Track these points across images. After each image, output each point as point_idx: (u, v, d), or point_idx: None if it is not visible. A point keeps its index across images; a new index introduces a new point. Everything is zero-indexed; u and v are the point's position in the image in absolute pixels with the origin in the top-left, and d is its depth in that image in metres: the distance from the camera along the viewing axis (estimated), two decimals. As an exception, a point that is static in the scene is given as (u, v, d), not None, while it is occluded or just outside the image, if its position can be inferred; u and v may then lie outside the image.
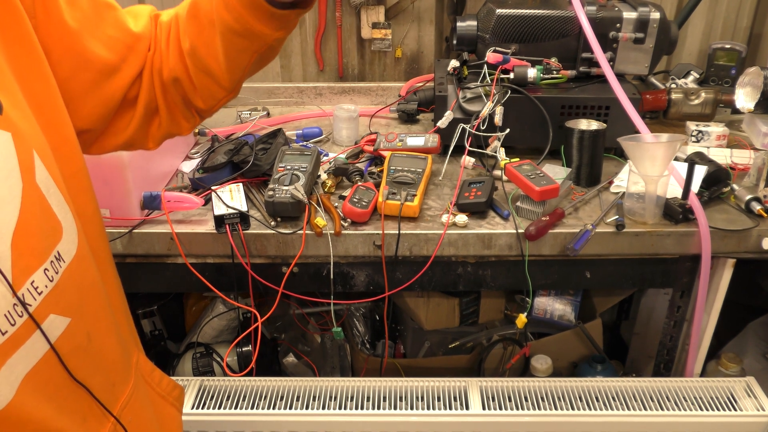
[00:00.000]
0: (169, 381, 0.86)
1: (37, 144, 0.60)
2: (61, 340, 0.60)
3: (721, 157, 1.48)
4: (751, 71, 1.55)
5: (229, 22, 0.78)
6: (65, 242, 0.62)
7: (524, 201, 1.33)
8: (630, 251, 1.31)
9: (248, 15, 0.77)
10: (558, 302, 1.74)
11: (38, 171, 0.59)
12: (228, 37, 0.80)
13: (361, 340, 1.84)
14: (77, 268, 0.63)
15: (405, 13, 1.87)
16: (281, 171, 1.34)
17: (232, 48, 0.81)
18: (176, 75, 0.83)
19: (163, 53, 0.83)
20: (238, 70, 0.84)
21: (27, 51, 0.64)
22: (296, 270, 1.34)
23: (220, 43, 0.81)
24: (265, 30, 0.79)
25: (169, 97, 0.86)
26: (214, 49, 0.81)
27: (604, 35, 1.50)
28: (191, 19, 0.82)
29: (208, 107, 0.88)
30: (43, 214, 0.59)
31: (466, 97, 1.50)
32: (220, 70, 0.83)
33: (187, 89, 0.85)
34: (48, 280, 0.58)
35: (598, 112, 1.49)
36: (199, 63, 0.83)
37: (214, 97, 0.87)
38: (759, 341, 1.76)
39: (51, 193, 0.61)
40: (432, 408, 1.37)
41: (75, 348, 0.63)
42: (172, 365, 1.72)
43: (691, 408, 1.34)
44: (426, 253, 1.30)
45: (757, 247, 1.30)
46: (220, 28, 0.79)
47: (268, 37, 0.80)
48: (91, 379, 0.65)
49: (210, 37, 0.81)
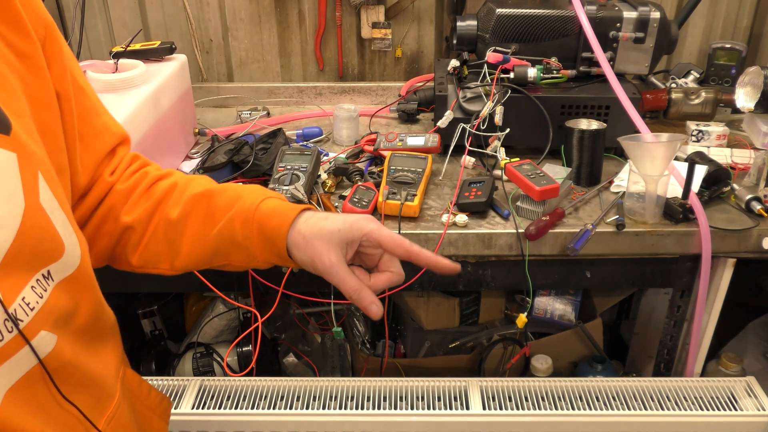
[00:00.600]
0: (156, 394, 0.86)
1: (42, 167, 0.61)
2: (51, 357, 0.61)
3: (721, 156, 1.48)
4: (751, 71, 1.55)
5: (237, 237, 0.77)
6: (63, 261, 0.62)
7: (524, 201, 1.33)
8: (630, 251, 1.31)
9: (261, 248, 0.76)
10: (558, 302, 1.74)
11: (42, 192, 0.60)
12: (223, 245, 0.78)
13: (362, 340, 1.84)
14: (72, 286, 0.64)
15: (405, 13, 1.87)
16: (281, 171, 1.34)
17: (219, 251, 0.79)
18: (134, 226, 0.80)
19: (132, 200, 0.80)
20: (202, 264, 0.81)
21: (39, 78, 0.65)
22: (296, 270, 1.34)
23: (211, 241, 0.78)
24: (264, 259, 0.78)
25: (103, 232, 0.81)
26: (201, 241, 0.79)
27: (604, 35, 1.50)
28: (197, 202, 0.79)
29: (139, 266, 0.83)
30: (45, 234, 0.60)
31: (466, 97, 1.50)
32: (185, 256, 0.80)
33: (131, 242, 0.81)
34: (38, 297, 0.59)
35: (598, 111, 1.49)
36: (173, 237, 0.79)
37: (155, 267, 0.83)
38: (759, 341, 1.76)
39: (56, 215, 0.61)
40: (432, 408, 1.37)
41: (64, 364, 0.63)
42: (172, 365, 1.72)
43: (692, 408, 1.34)
44: (426, 252, 1.29)
45: (758, 246, 1.29)
46: (220, 230, 0.77)
47: (260, 264, 0.79)
48: (77, 393, 0.65)
49: (204, 227, 0.78)
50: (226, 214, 0.78)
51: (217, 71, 1.97)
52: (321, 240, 0.73)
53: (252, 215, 0.76)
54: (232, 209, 0.78)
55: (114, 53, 1.47)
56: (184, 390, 1.39)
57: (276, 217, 0.76)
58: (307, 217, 0.76)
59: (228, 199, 0.79)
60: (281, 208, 0.77)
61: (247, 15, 1.89)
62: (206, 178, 0.85)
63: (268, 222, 0.76)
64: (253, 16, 1.89)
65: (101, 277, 0.74)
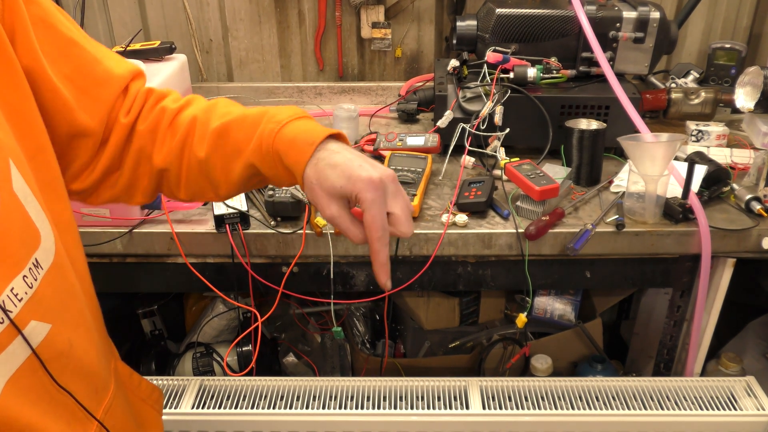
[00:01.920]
0: (147, 384, 0.87)
1: (12, 153, 0.60)
2: (43, 346, 0.60)
3: (721, 156, 1.48)
4: (750, 71, 1.55)
5: (258, 166, 0.77)
6: (43, 250, 0.61)
7: (524, 201, 1.33)
8: (630, 251, 1.31)
9: (288, 178, 0.77)
10: (558, 302, 1.74)
11: (15, 179, 0.59)
12: (248, 173, 0.78)
13: (361, 339, 1.84)
14: (56, 275, 0.63)
15: (405, 13, 1.87)
16: (281, 171, 1.34)
17: (252, 180, 0.80)
18: (168, 167, 0.81)
19: (158, 140, 0.80)
20: (245, 189, 0.83)
21: (1, 59, 0.62)
22: (296, 270, 1.34)
23: (239, 171, 0.79)
24: (287, 181, 0.78)
25: (141, 173, 0.82)
26: (230, 171, 0.79)
27: (603, 35, 1.50)
28: (217, 138, 0.79)
29: (188, 199, 0.85)
30: (22, 221, 0.59)
31: (466, 97, 1.50)
32: (225, 186, 0.81)
33: (171, 181, 0.82)
34: (27, 286, 0.58)
35: (597, 111, 1.49)
36: (207, 173, 0.80)
37: (203, 197, 0.84)
38: (759, 341, 1.76)
39: (29, 201, 0.60)
40: (432, 408, 1.37)
41: (57, 354, 0.63)
42: (172, 365, 1.72)
43: (691, 408, 1.34)
44: (426, 252, 1.30)
45: (757, 246, 1.30)
46: (246, 163, 0.77)
47: (285, 184, 0.80)
48: (73, 384, 0.65)
49: (231, 162, 0.79)
50: (248, 146, 0.77)
51: (216, 71, 1.97)
52: (323, 190, 0.72)
53: (270, 147, 0.75)
54: (251, 141, 0.76)
55: (114, 53, 1.47)
56: (184, 390, 1.39)
57: (292, 152, 0.74)
58: (318, 158, 0.73)
59: (247, 128, 0.77)
60: (299, 139, 0.74)
61: (246, 15, 1.89)
62: (226, 100, 0.83)
63: (286, 157, 0.74)
64: (252, 16, 1.89)
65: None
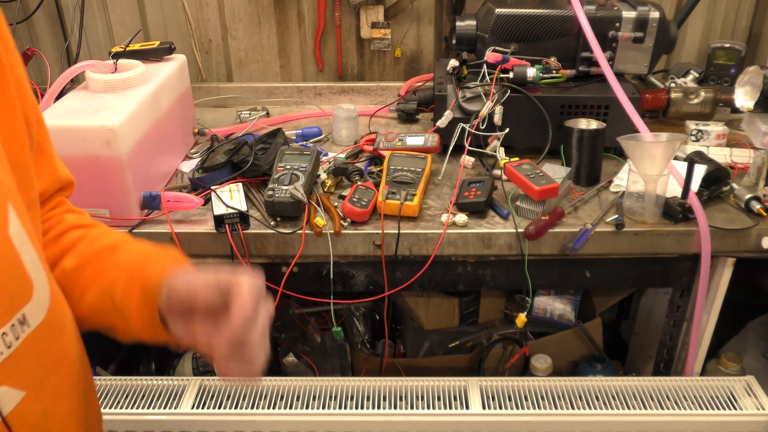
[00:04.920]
0: None
1: (12, 197, 0.57)
2: (14, 415, 0.56)
3: (720, 156, 1.48)
4: (750, 70, 1.55)
5: (116, 294, 0.68)
6: (34, 304, 0.57)
7: (524, 200, 1.33)
8: (630, 251, 1.31)
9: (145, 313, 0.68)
10: (558, 302, 1.74)
11: (12, 224, 0.56)
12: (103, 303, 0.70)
13: (361, 339, 1.84)
14: (43, 337, 0.58)
15: (404, 13, 1.87)
16: (281, 171, 1.34)
17: (101, 307, 0.70)
18: None
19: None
20: (89, 323, 0.72)
21: (8, 106, 0.60)
22: (296, 270, 1.34)
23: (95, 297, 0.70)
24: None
25: None
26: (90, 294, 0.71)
27: (603, 34, 1.50)
28: (98, 255, 0.71)
29: None
30: (14, 270, 0.56)
31: (466, 97, 1.50)
32: (77, 308, 0.71)
33: None
34: (5, 346, 0.54)
35: (597, 111, 1.49)
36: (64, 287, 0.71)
37: None
38: (759, 341, 1.76)
39: (24, 249, 0.57)
40: (432, 407, 1.37)
41: (29, 426, 0.58)
42: (172, 365, 1.72)
43: (691, 407, 1.34)
44: (426, 252, 1.30)
45: (757, 246, 1.30)
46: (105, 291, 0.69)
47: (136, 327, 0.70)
48: None
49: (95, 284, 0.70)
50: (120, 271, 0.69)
51: (216, 71, 1.97)
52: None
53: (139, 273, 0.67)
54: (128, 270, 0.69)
55: (113, 53, 1.47)
56: (184, 390, 1.39)
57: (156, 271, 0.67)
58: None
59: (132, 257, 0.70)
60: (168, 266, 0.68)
61: (246, 15, 1.89)
62: (124, 234, 0.77)
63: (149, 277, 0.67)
64: (252, 17, 1.89)
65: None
